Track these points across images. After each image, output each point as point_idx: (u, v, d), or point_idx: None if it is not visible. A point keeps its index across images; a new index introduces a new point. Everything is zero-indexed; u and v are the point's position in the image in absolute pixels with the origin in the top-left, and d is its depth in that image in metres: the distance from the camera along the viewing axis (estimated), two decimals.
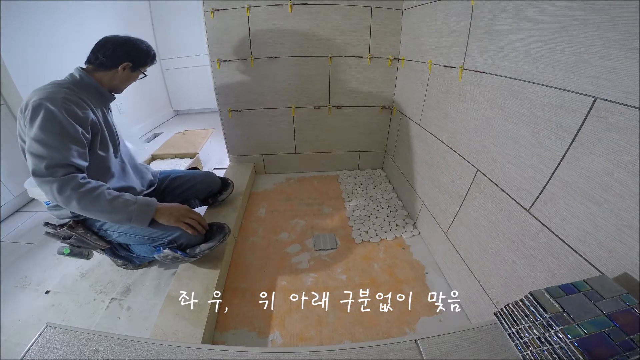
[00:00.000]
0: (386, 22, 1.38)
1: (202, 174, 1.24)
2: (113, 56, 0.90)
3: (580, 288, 0.43)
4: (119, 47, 0.91)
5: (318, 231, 1.28)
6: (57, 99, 0.77)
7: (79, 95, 0.84)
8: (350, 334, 0.87)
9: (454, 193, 0.97)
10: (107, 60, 0.90)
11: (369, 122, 1.65)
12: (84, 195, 0.76)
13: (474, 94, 0.84)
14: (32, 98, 0.77)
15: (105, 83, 0.93)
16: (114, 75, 0.92)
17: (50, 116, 0.75)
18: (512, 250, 0.71)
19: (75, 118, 0.79)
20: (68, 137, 0.77)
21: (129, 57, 0.92)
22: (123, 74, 0.93)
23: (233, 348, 0.49)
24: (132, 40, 0.95)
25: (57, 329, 0.50)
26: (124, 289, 1.03)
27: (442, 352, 0.46)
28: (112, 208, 0.80)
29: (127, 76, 0.95)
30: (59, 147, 0.75)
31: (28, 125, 0.76)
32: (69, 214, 0.89)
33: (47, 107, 0.75)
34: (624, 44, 0.45)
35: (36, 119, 0.75)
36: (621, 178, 0.46)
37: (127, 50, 0.92)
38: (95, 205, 0.78)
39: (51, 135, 0.75)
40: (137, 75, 0.98)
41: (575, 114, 0.53)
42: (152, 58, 0.99)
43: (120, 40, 0.93)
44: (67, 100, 0.79)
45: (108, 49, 0.90)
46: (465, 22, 0.85)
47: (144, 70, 1.00)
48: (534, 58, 0.62)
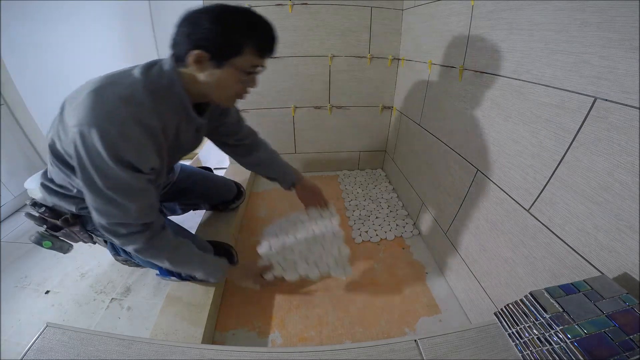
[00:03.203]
0: (386, 22, 1.38)
1: (222, 182, 1.21)
2: (180, 41, 0.58)
3: (580, 288, 0.43)
4: (189, 24, 0.57)
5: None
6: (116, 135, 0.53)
7: (154, 111, 0.59)
8: (350, 334, 0.87)
9: (454, 193, 0.97)
10: (177, 50, 0.59)
11: (369, 122, 1.65)
12: (146, 256, 0.70)
13: (474, 94, 0.84)
14: (83, 116, 0.52)
15: (190, 90, 0.64)
16: (194, 76, 0.61)
17: (105, 165, 0.55)
18: (512, 250, 0.71)
19: (142, 157, 0.58)
20: (131, 193, 0.59)
21: (203, 40, 0.56)
22: (204, 74, 0.60)
23: (233, 348, 0.49)
24: (224, 7, 0.57)
25: (57, 329, 0.50)
26: (124, 289, 1.03)
27: (442, 352, 0.46)
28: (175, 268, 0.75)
29: (213, 77, 0.61)
30: (120, 206, 0.59)
31: (75, 156, 0.56)
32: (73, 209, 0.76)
33: (98, 152, 0.53)
34: (624, 44, 0.45)
35: (86, 161, 0.55)
36: (621, 178, 0.46)
37: (202, 28, 0.56)
38: (156, 261, 0.73)
39: (110, 191, 0.58)
40: (234, 75, 0.61)
41: (575, 114, 0.53)
42: (260, 39, 0.61)
43: (199, 11, 0.57)
44: (129, 137, 0.55)
45: (176, 29, 0.59)
46: (465, 22, 0.85)
47: (247, 64, 0.61)
48: (534, 58, 0.62)
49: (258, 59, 0.63)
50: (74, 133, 0.54)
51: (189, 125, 0.71)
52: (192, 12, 0.58)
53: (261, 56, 0.63)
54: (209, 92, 0.65)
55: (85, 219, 0.80)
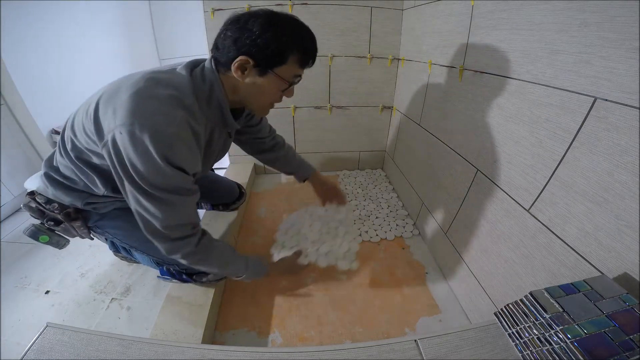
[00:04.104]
0: (386, 22, 1.38)
1: (227, 184, 1.22)
2: (225, 45, 0.57)
3: (580, 288, 0.43)
4: (237, 29, 0.56)
5: None
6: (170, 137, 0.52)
7: (199, 116, 0.58)
8: (350, 334, 0.87)
9: (454, 193, 0.97)
10: (220, 54, 0.58)
11: (369, 122, 1.65)
12: (191, 261, 0.67)
13: (474, 94, 0.84)
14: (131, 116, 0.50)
15: (229, 95, 0.63)
16: (235, 82, 0.61)
17: (156, 168, 0.53)
18: (512, 250, 0.71)
19: (193, 161, 0.58)
20: (185, 193, 0.59)
21: (251, 47, 0.55)
22: (246, 81, 0.60)
23: (233, 348, 0.49)
24: (274, 14, 0.57)
25: (57, 329, 0.50)
26: (124, 289, 1.03)
27: (442, 352, 0.46)
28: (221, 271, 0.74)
29: (254, 85, 0.60)
30: (176, 207, 0.58)
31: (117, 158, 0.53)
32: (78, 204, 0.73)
33: (151, 154, 0.51)
34: (624, 44, 0.45)
35: (138, 163, 0.52)
36: (621, 178, 0.46)
37: (251, 34, 0.55)
38: (204, 266, 0.71)
39: (165, 192, 0.56)
40: (274, 84, 0.61)
41: (575, 114, 0.53)
42: (305, 50, 0.61)
43: (247, 16, 0.56)
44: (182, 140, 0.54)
45: (222, 32, 0.57)
46: (465, 22, 0.85)
47: (289, 74, 0.61)
48: (534, 58, 0.62)
49: (299, 69, 0.63)
50: (120, 133, 0.51)
51: (222, 131, 0.70)
52: (241, 16, 0.58)
53: (302, 66, 0.63)
54: (246, 99, 0.65)
55: (88, 213, 0.78)
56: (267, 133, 0.99)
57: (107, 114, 0.54)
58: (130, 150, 0.52)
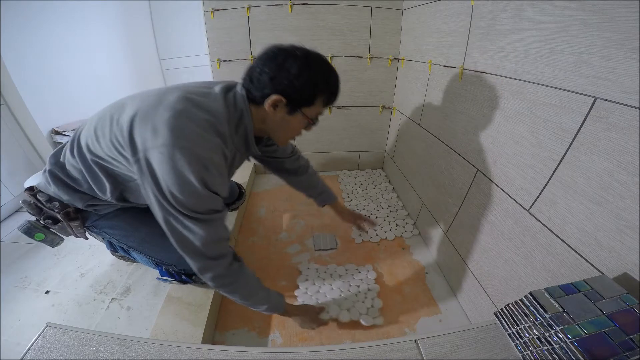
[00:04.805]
0: (386, 22, 1.38)
1: None
2: (261, 81, 0.60)
3: (580, 288, 0.43)
4: (275, 67, 0.59)
5: (318, 231, 1.28)
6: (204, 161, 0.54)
7: (228, 144, 0.62)
8: (350, 334, 0.87)
9: (454, 193, 0.97)
10: (255, 87, 0.61)
11: (369, 122, 1.65)
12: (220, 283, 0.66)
13: (474, 94, 0.84)
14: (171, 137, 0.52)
15: (255, 125, 0.66)
16: (264, 115, 0.64)
17: (192, 188, 0.54)
18: (512, 250, 0.71)
19: (223, 185, 0.61)
20: (220, 213, 0.61)
21: (287, 88, 0.59)
22: (276, 116, 0.63)
23: (233, 348, 0.49)
24: (309, 56, 0.61)
25: (57, 329, 0.50)
26: (124, 289, 1.03)
27: (442, 352, 0.46)
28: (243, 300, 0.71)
29: (282, 121, 0.65)
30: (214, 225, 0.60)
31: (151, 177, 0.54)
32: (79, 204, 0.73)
33: (189, 175, 0.53)
34: (624, 44, 0.45)
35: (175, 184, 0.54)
36: (621, 178, 0.46)
37: (289, 75, 0.58)
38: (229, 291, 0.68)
39: (204, 213, 0.58)
40: (300, 122, 0.66)
41: (575, 114, 0.53)
42: (331, 93, 0.65)
43: (285, 55, 0.59)
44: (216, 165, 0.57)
45: (259, 67, 0.60)
46: (465, 22, 0.85)
47: (314, 114, 0.66)
48: (534, 58, 0.62)
49: (323, 109, 0.67)
50: (160, 153, 0.53)
51: (243, 155, 0.73)
52: (278, 53, 0.60)
53: (326, 106, 0.68)
54: (272, 131, 0.69)
55: (87, 214, 0.78)
56: (287, 154, 0.98)
57: (145, 131, 0.55)
58: (169, 170, 0.53)
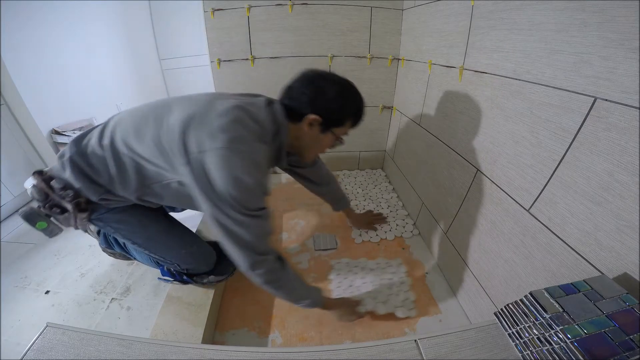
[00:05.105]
0: (386, 22, 1.38)
1: None
2: (302, 101, 0.68)
3: (580, 288, 0.43)
4: (314, 89, 0.69)
5: (318, 231, 1.28)
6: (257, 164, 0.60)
7: (269, 154, 0.67)
8: (350, 334, 0.87)
9: (454, 193, 0.97)
10: (294, 106, 0.69)
11: (369, 122, 1.65)
12: (268, 279, 0.67)
13: (474, 94, 0.84)
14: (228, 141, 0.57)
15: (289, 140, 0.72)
16: (298, 131, 0.71)
17: (247, 188, 0.58)
18: (512, 250, 0.71)
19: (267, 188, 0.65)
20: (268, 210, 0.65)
21: (324, 109, 0.68)
22: (310, 134, 0.71)
23: (233, 348, 0.49)
24: (343, 83, 0.72)
25: (57, 329, 0.50)
26: (124, 289, 1.03)
27: (442, 352, 0.46)
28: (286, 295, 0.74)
29: (315, 138, 0.72)
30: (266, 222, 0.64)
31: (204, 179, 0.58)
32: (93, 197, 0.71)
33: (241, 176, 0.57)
34: (624, 44, 0.45)
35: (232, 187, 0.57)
36: (621, 178, 0.46)
37: (326, 98, 0.68)
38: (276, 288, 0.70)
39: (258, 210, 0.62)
40: (330, 140, 0.75)
41: (575, 114, 0.53)
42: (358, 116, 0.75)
43: (323, 80, 0.69)
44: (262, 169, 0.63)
45: (298, 88, 0.69)
46: (465, 22, 0.85)
47: (341, 134, 0.75)
48: (534, 58, 0.62)
49: (350, 129, 0.76)
50: (219, 155, 0.57)
51: (272, 165, 0.77)
52: (320, 78, 0.70)
53: (352, 127, 0.77)
54: (303, 147, 0.76)
55: (97, 206, 0.75)
56: (309, 164, 1.02)
57: (201, 135, 0.59)
58: (227, 170, 0.57)
